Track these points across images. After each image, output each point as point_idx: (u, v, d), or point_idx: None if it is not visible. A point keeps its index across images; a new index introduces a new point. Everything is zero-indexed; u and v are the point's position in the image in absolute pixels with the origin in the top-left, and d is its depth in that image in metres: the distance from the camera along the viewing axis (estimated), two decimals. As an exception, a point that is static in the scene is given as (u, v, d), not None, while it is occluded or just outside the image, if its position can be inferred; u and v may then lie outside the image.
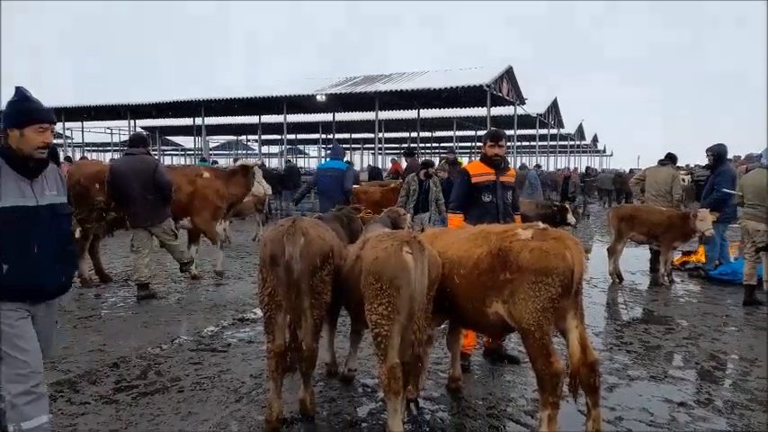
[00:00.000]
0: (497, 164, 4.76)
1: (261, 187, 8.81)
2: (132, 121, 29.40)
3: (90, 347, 4.92)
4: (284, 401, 3.63)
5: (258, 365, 4.54)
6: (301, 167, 28.99)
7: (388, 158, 29.95)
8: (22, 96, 2.81)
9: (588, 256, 9.47)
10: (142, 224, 6.81)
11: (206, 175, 8.02)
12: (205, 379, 4.25)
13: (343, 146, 39.65)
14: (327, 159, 9.27)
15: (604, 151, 57.06)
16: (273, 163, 44.34)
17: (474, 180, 4.72)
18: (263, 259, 3.45)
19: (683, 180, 12.51)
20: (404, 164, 13.82)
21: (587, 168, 24.91)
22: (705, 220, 7.68)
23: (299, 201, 9.21)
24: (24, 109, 2.76)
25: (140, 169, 6.70)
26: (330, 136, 33.68)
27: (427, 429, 3.51)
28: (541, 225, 3.37)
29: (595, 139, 52.32)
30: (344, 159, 8.97)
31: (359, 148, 48.16)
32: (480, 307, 3.32)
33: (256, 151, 38.87)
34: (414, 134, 32.67)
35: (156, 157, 8.25)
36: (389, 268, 3.10)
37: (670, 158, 9.10)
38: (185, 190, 7.64)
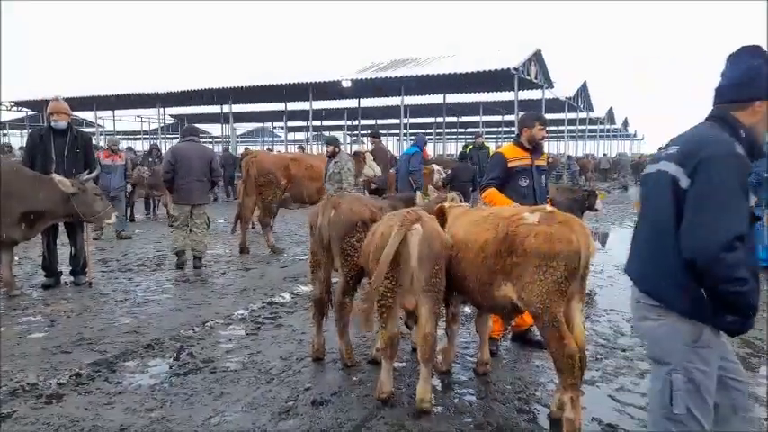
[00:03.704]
0: (534, 147, 4.66)
1: (371, 170, 9.69)
2: (161, 109, 29.87)
3: (125, 329, 5.06)
4: (316, 383, 3.84)
5: (288, 348, 4.61)
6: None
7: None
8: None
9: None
10: (192, 201, 7.57)
11: None
12: (236, 361, 4.33)
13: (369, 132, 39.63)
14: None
15: (635, 135, 55.80)
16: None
17: (510, 164, 4.58)
18: (309, 227, 4.30)
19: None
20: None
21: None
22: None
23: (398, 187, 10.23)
24: None
25: (200, 154, 7.68)
26: (356, 122, 33.69)
27: (455, 412, 3.52)
28: (549, 208, 3.37)
29: (626, 123, 51.18)
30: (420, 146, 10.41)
31: (384, 134, 48.04)
32: (490, 289, 3.36)
33: (282, 138, 39.11)
34: (440, 119, 32.46)
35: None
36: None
37: None
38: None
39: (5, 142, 22.78)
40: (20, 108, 32.31)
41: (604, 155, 36.67)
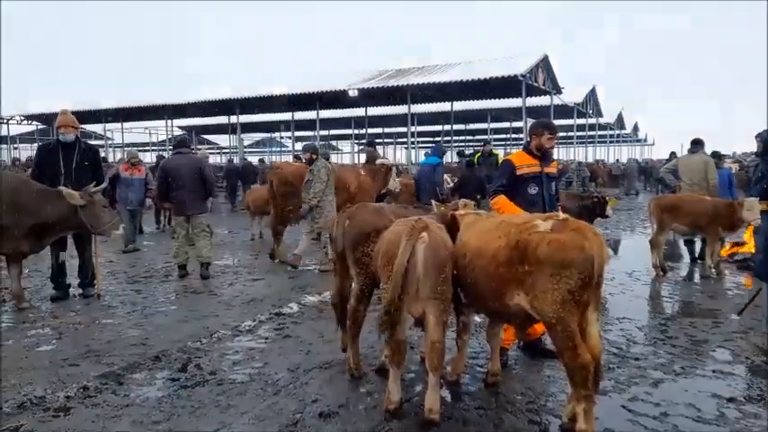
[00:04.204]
0: (543, 155, 4.62)
1: (394, 183, 9.84)
2: (170, 121, 30.09)
3: (132, 341, 5.05)
4: (323, 395, 3.81)
5: (295, 359, 4.58)
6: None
7: (422, 152, 29.79)
8: None
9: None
10: (187, 212, 7.74)
11: (362, 172, 9.57)
12: (243, 373, 4.31)
13: (376, 140, 39.81)
14: (429, 155, 10.67)
15: (646, 140, 55.45)
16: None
17: (519, 171, 4.54)
18: (328, 236, 4.54)
19: (731, 169, 12.07)
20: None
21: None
22: (753, 209, 7.32)
23: (418, 197, 10.04)
24: None
25: (189, 165, 7.77)
26: (363, 131, 33.75)
27: (464, 423, 3.47)
28: (561, 216, 3.32)
29: (636, 128, 50.89)
30: (442, 156, 10.42)
31: (392, 143, 48.07)
32: (502, 298, 3.31)
33: (290, 148, 39.26)
34: (447, 127, 32.46)
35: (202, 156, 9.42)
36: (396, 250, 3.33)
37: (698, 144, 8.80)
38: (354, 184, 9.01)
39: (28, 155, 22.98)
40: (30, 122, 32.71)
41: (616, 161, 36.57)
